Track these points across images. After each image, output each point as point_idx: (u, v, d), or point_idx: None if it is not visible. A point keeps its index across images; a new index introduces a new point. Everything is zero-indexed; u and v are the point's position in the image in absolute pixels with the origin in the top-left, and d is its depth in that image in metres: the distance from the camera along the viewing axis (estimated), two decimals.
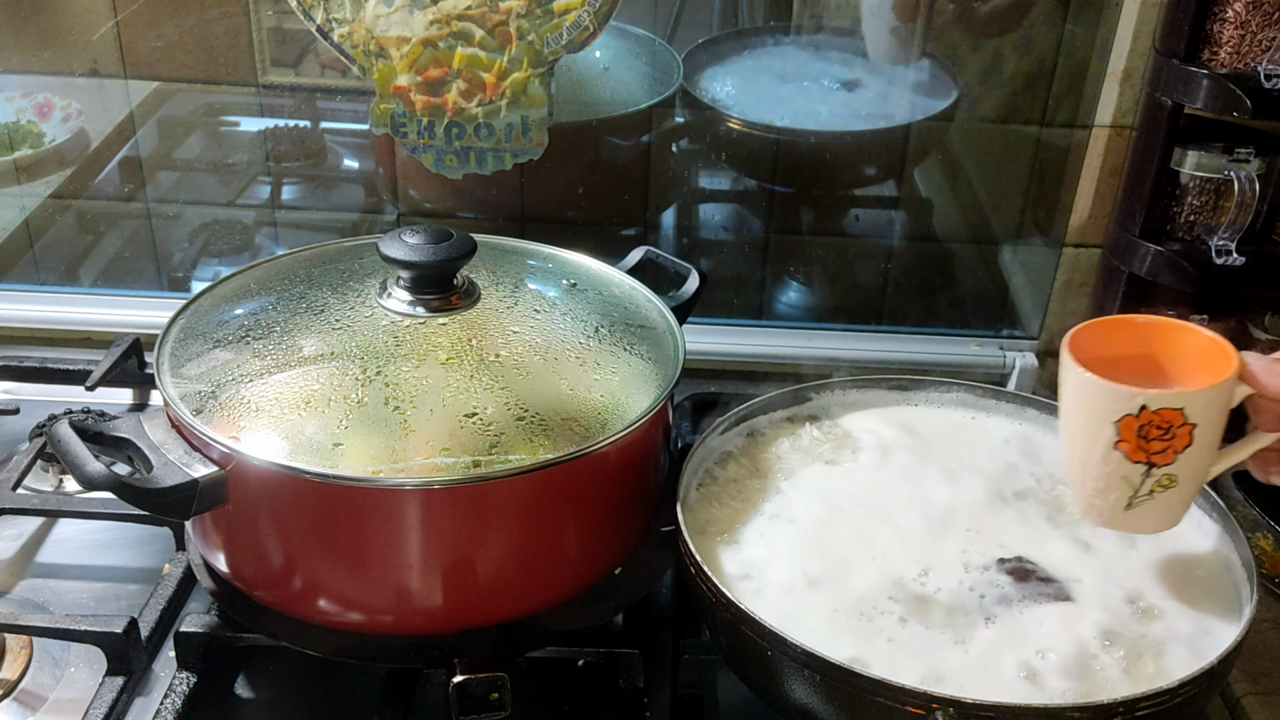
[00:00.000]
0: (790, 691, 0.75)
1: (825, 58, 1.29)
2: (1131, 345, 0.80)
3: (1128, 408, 0.72)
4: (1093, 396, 0.74)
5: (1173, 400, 0.72)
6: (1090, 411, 0.75)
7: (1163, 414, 0.72)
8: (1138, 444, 0.73)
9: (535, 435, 0.80)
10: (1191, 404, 0.72)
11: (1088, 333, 0.79)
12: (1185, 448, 0.73)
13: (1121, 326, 0.80)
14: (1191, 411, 0.72)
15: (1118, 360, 0.78)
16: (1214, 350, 0.76)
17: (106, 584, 0.99)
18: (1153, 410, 0.72)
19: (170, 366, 0.85)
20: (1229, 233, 1.08)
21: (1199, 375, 0.76)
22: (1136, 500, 0.75)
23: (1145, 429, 0.73)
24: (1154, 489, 0.74)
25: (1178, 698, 0.70)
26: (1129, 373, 0.78)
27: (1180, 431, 0.72)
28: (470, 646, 0.82)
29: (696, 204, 1.36)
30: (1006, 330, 1.33)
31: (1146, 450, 0.73)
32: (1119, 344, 0.79)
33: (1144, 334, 0.80)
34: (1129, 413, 0.72)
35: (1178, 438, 0.72)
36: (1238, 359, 0.74)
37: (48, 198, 1.34)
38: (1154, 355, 0.79)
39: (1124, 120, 1.18)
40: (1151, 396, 0.72)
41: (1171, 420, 0.72)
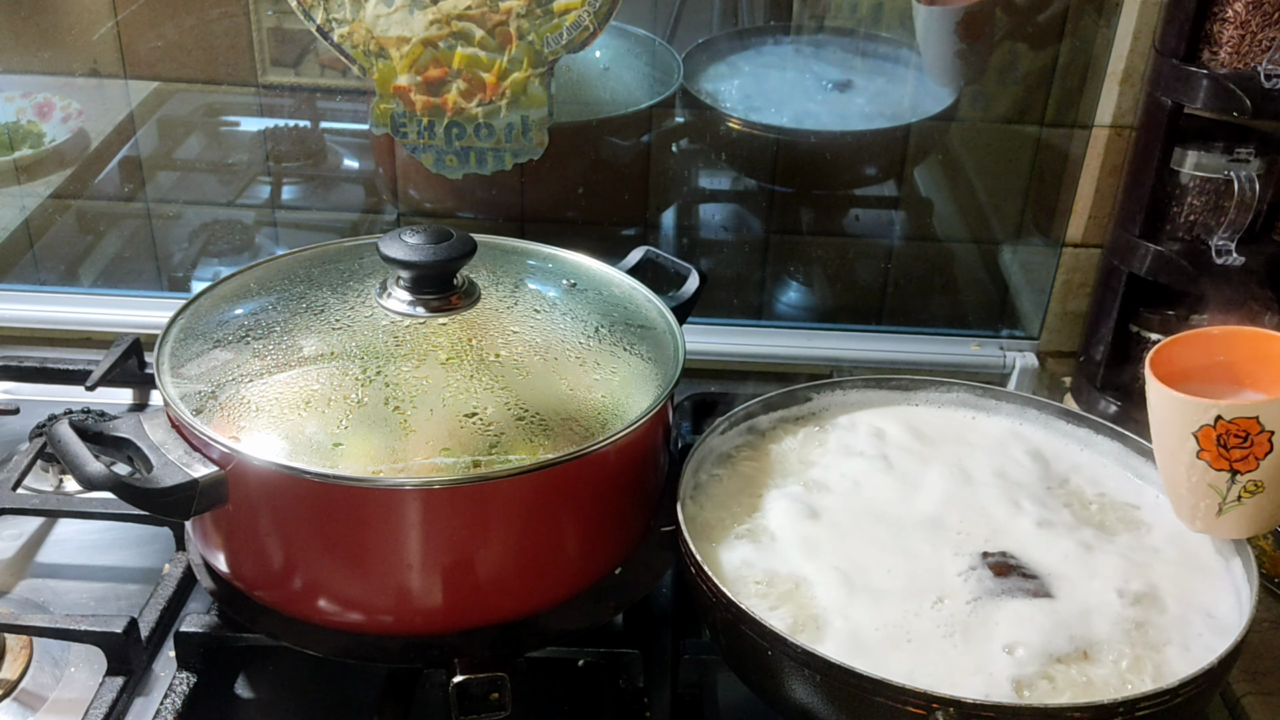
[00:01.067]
0: (790, 691, 0.75)
1: (825, 58, 1.29)
2: (1214, 355, 0.83)
3: (1204, 419, 0.76)
4: (1171, 410, 0.78)
5: (1247, 410, 0.75)
6: (1171, 424, 0.79)
7: (1239, 423, 0.75)
8: (1219, 453, 0.77)
9: (535, 435, 0.80)
10: (1266, 412, 0.75)
11: (1170, 349, 0.82)
12: (1267, 454, 0.76)
13: (1201, 340, 0.84)
14: (1267, 419, 0.75)
15: (1199, 370, 0.82)
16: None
17: (106, 584, 0.99)
18: (1228, 420, 0.75)
19: (170, 366, 0.85)
20: (1229, 233, 1.08)
21: None
22: (1226, 506, 0.79)
23: (1224, 438, 0.76)
24: (1241, 495, 0.78)
25: (1178, 698, 0.70)
26: (1217, 383, 0.82)
27: (1259, 439, 0.75)
28: (470, 646, 0.82)
29: (696, 204, 1.36)
30: (1006, 330, 1.33)
31: (1228, 459, 0.77)
32: (1201, 355, 0.83)
33: (1226, 344, 0.83)
34: (1205, 423, 0.76)
35: (1257, 445, 0.75)
36: None
37: (48, 198, 1.34)
38: (1234, 363, 0.83)
39: (1124, 120, 1.18)
40: (1225, 407, 0.75)
41: (1248, 429, 0.75)
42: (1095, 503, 0.90)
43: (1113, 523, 0.88)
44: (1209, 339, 0.84)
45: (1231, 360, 0.83)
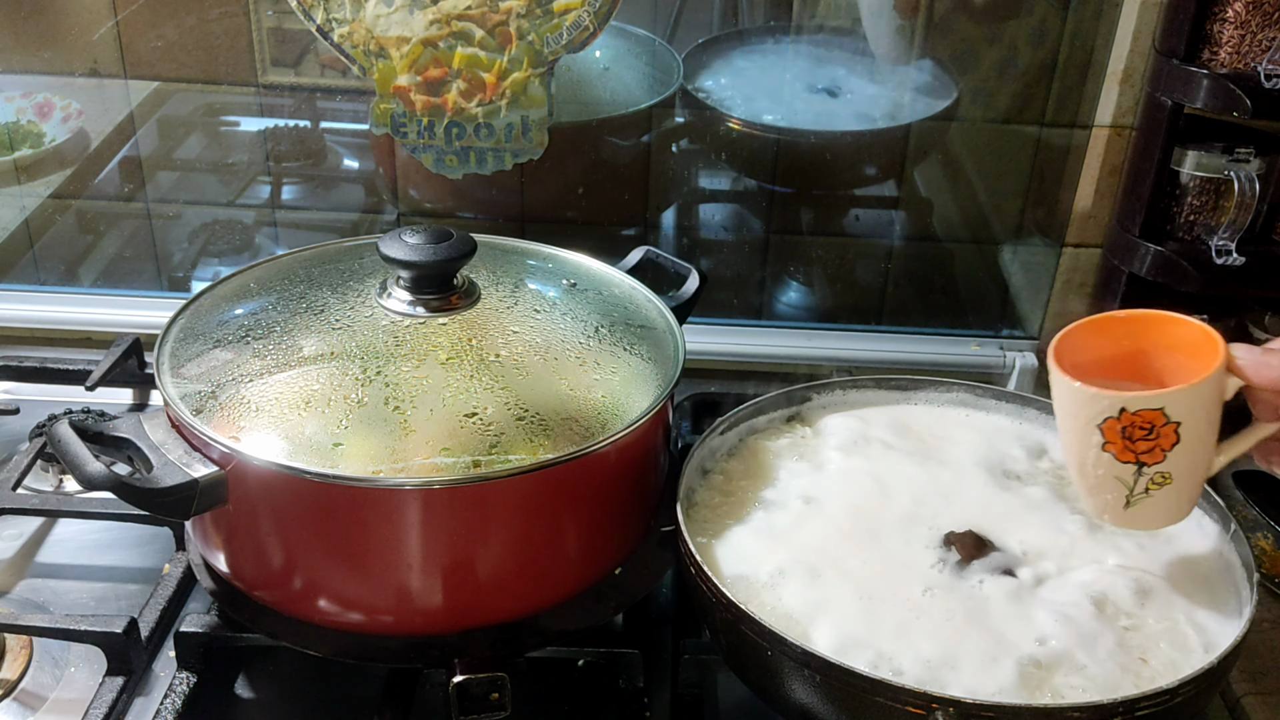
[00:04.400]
0: (790, 691, 0.75)
1: (825, 57, 1.29)
2: (1123, 342, 0.79)
3: (1107, 410, 0.73)
4: (1074, 401, 0.75)
5: (1151, 401, 0.72)
6: (1075, 415, 0.75)
7: (1143, 415, 0.72)
8: (1124, 445, 0.73)
9: (535, 435, 0.80)
10: (1172, 403, 0.72)
11: (1076, 335, 0.79)
12: (1173, 445, 0.73)
13: (1110, 325, 0.79)
14: (1173, 410, 0.72)
15: (1112, 360, 0.78)
16: (1203, 342, 0.75)
17: (106, 584, 0.99)
18: (1132, 412, 0.72)
19: (170, 366, 0.85)
20: (1229, 233, 1.08)
21: (1191, 368, 0.75)
22: (1134, 499, 0.76)
23: (1129, 430, 0.73)
24: (1149, 487, 0.75)
25: (1178, 698, 0.70)
26: (1124, 371, 0.78)
27: (1165, 430, 0.72)
28: (470, 646, 0.82)
29: (696, 204, 1.36)
30: (1006, 330, 1.33)
31: (1134, 450, 0.74)
32: (1111, 343, 0.79)
33: (1134, 329, 0.79)
34: (1109, 415, 0.73)
35: (1163, 436, 0.72)
36: (1223, 353, 0.73)
37: (48, 198, 1.34)
38: (1146, 350, 0.79)
39: (1124, 120, 1.18)
40: (1129, 399, 0.72)
41: (1154, 420, 0.72)
42: None
43: None
44: (1115, 323, 0.80)
45: (1141, 347, 0.79)
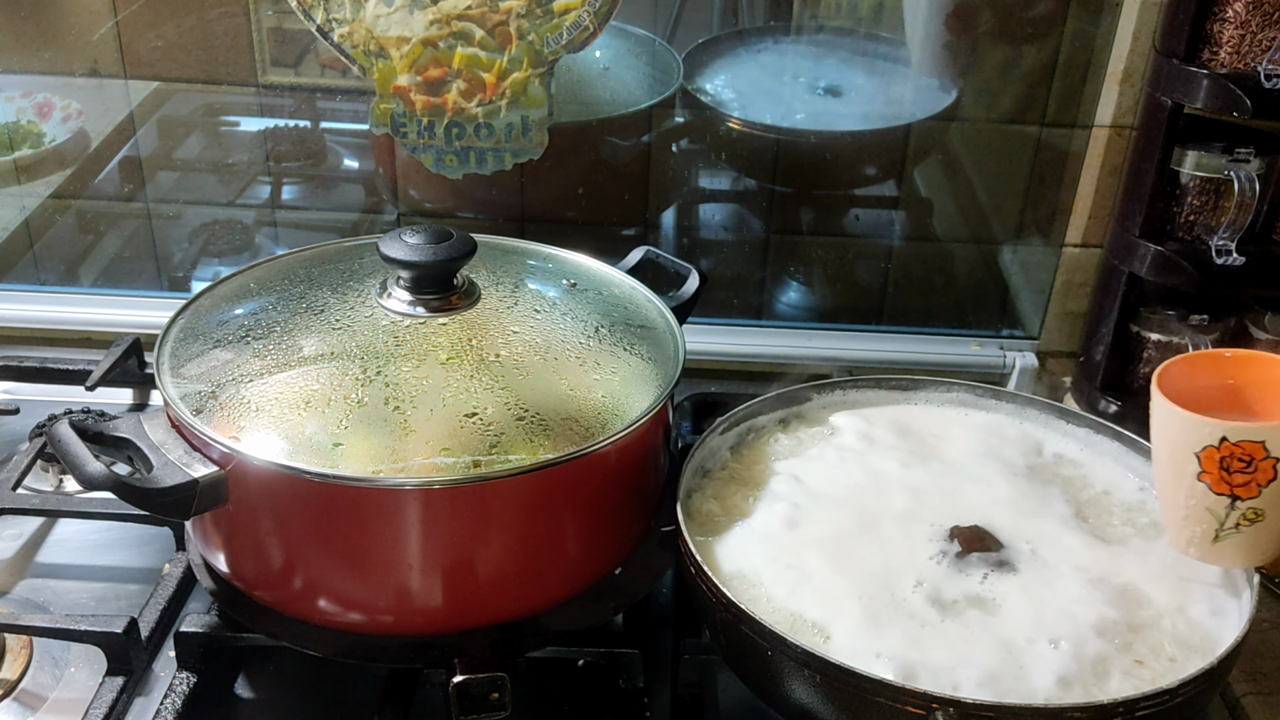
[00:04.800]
0: (790, 691, 0.75)
1: (826, 58, 1.29)
2: (1223, 379, 0.81)
3: (1208, 439, 0.73)
4: (1175, 427, 0.76)
5: (1253, 433, 0.72)
6: (1174, 442, 0.76)
7: (1244, 446, 0.72)
8: (1220, 476, 0.74)
9: (535, 435, 0.80)
10: (1274, 437, 0.72)
11: (1178, 366, 0.80)
12: (1270, 481, 0.73)
13: (1211, 361, 0.82)
14: (1274, 445, 0.72)
15: (1212, 393, 0.79)
16: None
17: (106, 584, 0.99)
18: (1233, 442, 0.72)
19: (170, 366, 0.85)
20: (1229, 233, 1.08)
21: None
22: (1224, 534, 0.76)
23: (1227, 461, 0.73)
24: (1240, 522, 0.75)
25: (1178, 698, 0.70)
26: (1221, 407, 0.79)
27: (1263, 465, 0.72)
28: (470, 646, 0.82)
29: (696, 204, 1.36)
30: (1006, 330, 1.33)
31: (1229, 483, 0.74)
32: (1211, 378, 0.80)
33: (1235, 368, 0.81)
34: (1209, 444, 0.73)
35: (1261, 471, 0.72)
36: None
37: (48, 198, 1.34)
38: (1241, 387, 0.80)
39: (1124, 120, 1.18)
40: (1231, 429, 0.72)
41: (1253, 453, 0.72)
42: (1097, 502, 0.90)
43: (1114, 522, 0.88)
44: (1220, 361, 0.82)
45: (1240, 385, 0.81)
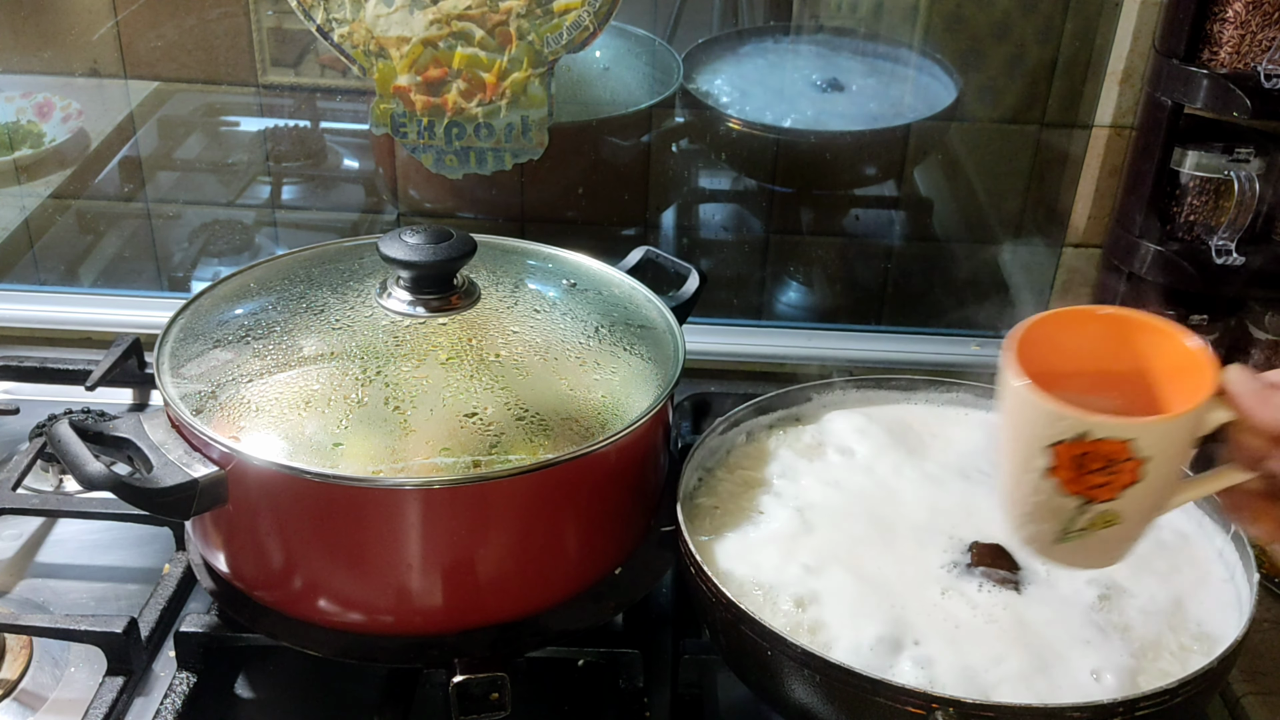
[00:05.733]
0: (790, 691, 0.75)
1: (826, 58, 1.29)
2: (1098, 343, 0.66)
3: (1065, 432, 0.59)
4: (1026, 411, 0.62)
5: (1120, 430, 0.59)
6: (1023, 429, 0.62)
7: (1107, 444, 0.59)
8: (1074, 475, 0.60)
9: (535, 435, 0.80)
10: (1145, 436, 0.59)
11: (1045, 329, 0.66)
12: (1131, 484, 0.60)
13: (1085, 322, 0.67)
14: (1143, 445, 0.59)
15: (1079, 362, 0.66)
16: (1191, 363, 0.62)
17: (106, 584, 0.99)
18: (1095, 439, 0.59)
19: (170, 366, 0.85)
20: (1229, 232, 1.08)
21: (1173, 389, 0.63)
22: (1069, 535, 0.63)
23: (1084, 459, 0.60)
24: (1090, 525, 0.62)
25: (1178, 698, 0.70)
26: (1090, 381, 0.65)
27: (1126, 466, 0.59)
28: (470, 646, 0.82)
29: (696, 204, 1.36)
30: (1006, 330, 1.33)
31: (1084, 483, 0.60)
32: (1081, 342, 0.66)
33: (1112, 331, 0.66)
34: (1065, 438, 0.59)
35: (1123, 473, 0.59)
36: (1216, 379, 0.60)
37: (48, 198, 1.34)
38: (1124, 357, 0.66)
39: (1124, 120, 1.18)
40: (1095, 423, 0.59)
41: (1116, 453, 0.59)
42: None
43: None
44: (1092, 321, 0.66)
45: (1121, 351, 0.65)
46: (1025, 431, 0.62)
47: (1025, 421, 0.62)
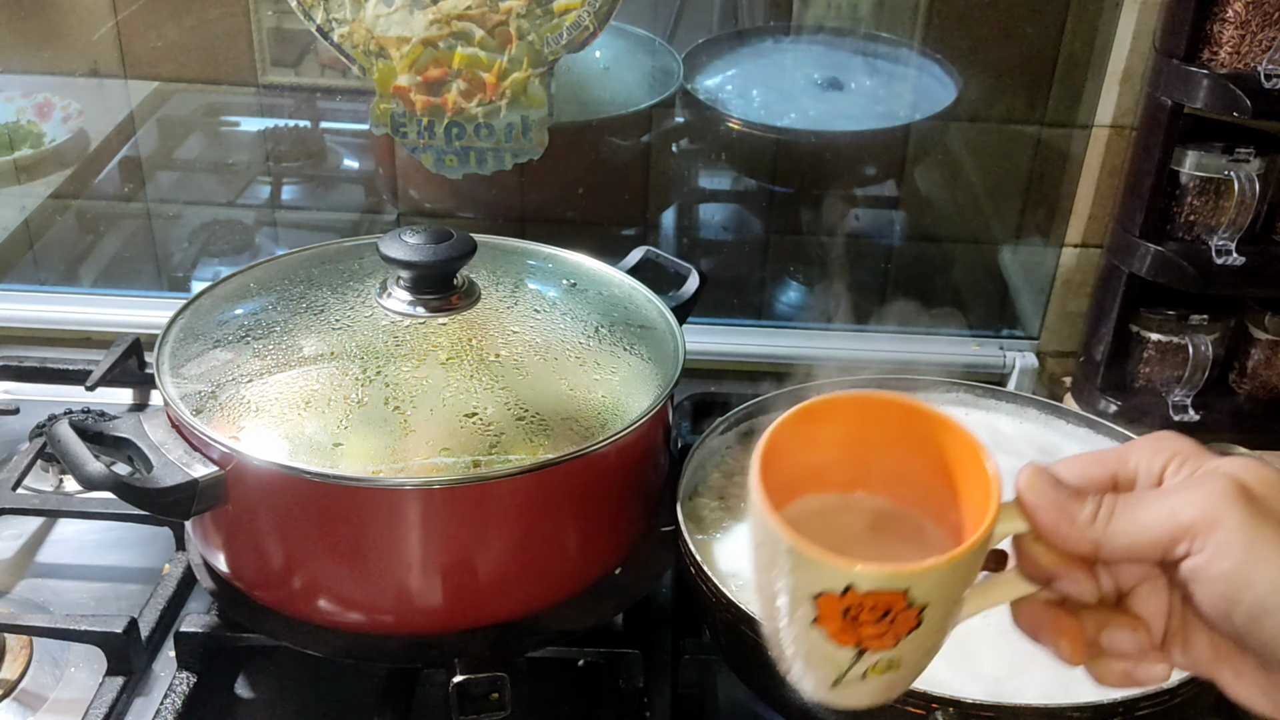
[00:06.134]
0: (790, 692, 0.74)
1: (825, 57, 1.29)
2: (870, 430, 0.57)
3: (827, 584, 0.50)
4: (780, 556, 0.51)
5: (892, 581, 0.49)
6: (778, 572, 0.52)
7: (878, 595, 0.50)
8: (845, 626, 0.51)
9: (535, 435, 0.80)
10: (920, 585, 0.49)
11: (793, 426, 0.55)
12: (911, 630, 0.51)
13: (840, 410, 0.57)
14: (921, 593, 0.50)
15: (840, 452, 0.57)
16: (975, 466, 0.53)
17: (106, 584, 0.99)
18: (863, 592, 0.49)
19: (170, 366, 0.85)
20: (1229, 232, 1.08)
21: (963, 477, 0.54)
22: (844, 682, 0.54)
23: (854, 610, 0.50)
24: (867, 672, 0.53)
25: (1178, 698, 0.70)
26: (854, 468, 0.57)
27: (904, 615, 0.50)
28: (470, 646, 0.82)
29: (696, 204, 1.36)
30: (1006, 330, 1.33)
31: (857, 634, 0.51)
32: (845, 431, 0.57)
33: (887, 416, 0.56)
34: (829, 590, 0.50)
35: (900, 621, 0.51)
36: (996, 502, 0.51)
37: (48, 198, 1.34)
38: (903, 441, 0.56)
39: (1124, 120, 1.18)
40: (861, 575, 0.49)
41: (892, 603, 0.50)
42: None
43: None
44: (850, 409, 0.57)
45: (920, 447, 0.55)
46: (780, 574, 0.52)
47: (780, 567, 0.51)
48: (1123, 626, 0.53)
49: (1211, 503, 0.49)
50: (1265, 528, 0.48)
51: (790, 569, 0.51)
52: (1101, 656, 0.54)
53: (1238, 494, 0.49)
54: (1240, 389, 1.21)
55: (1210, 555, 0.49)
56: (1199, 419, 1.14)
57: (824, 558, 0.49)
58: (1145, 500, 0.51)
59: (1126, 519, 0.51)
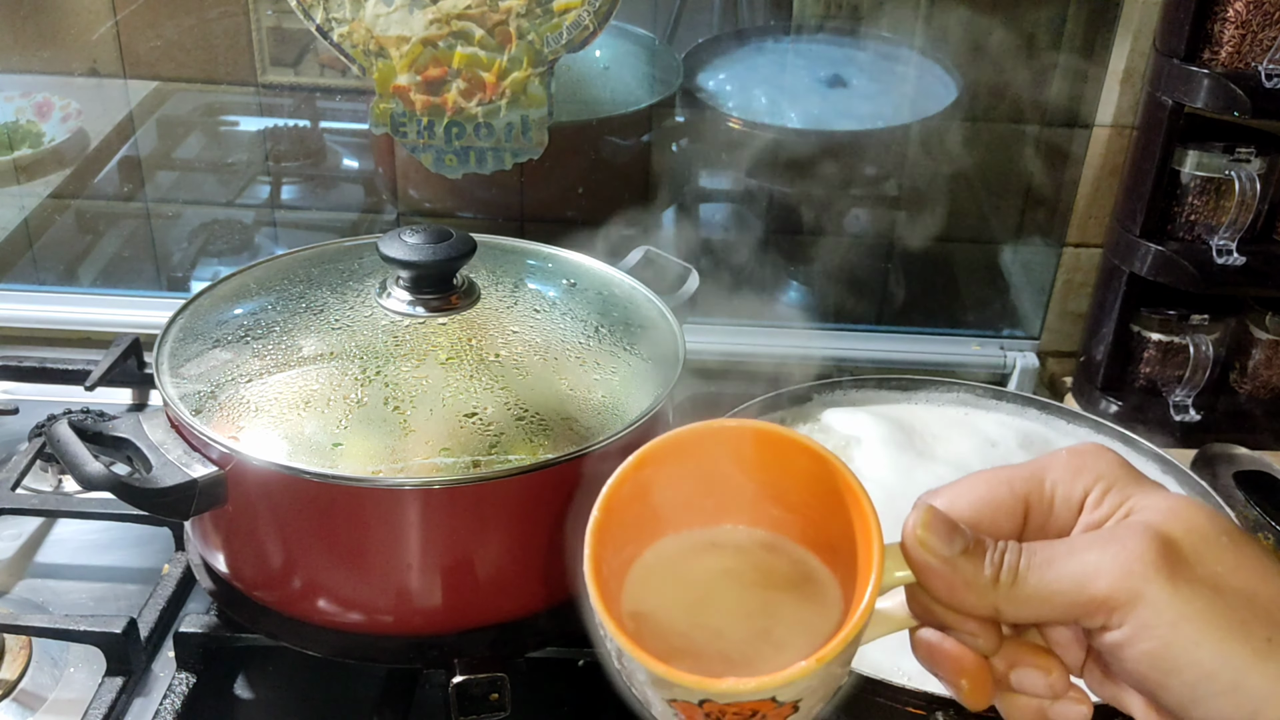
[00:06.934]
0: None
1: (826, 57, 1.29)
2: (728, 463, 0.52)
3: (680, 696, 0.46)
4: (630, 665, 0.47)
5: (755, 694, 0.44)
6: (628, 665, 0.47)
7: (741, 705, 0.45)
8: None
9: (535, 435, 0.80)
10: (789, 690, 0.45)
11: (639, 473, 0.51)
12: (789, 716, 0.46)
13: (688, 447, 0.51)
14: (791, 694, 0.45)
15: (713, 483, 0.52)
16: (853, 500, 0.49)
17: (106, 584, 0.99)
18: (723, 704, 0.45)
19: (170, 366, 0.85)
20: (1230, 232, 1.08)
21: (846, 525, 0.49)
22: None
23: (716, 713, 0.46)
24: None
25: None
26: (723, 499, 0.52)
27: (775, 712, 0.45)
28: (470, 646, 0.82)
29: (696, 204, 1.36)
30: (1006, 330, 1.33)
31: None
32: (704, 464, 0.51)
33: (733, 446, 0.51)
34: (684, 700, 0.46)
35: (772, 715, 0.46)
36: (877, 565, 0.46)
37: (47, 198, 1.34)
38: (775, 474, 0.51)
39: (1124, 120, 1.18)
40: (717, 690, 0.44)
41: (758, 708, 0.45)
42: None
43: None
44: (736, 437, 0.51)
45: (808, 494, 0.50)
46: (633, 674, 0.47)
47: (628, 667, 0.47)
48: (1034, 668, 0.47)
49: (1129, 570, 0.42)
50: (1195, 599, 0.41)
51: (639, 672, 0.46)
52: (1011, 693, 0.48)
53: (1160, 556, 0.42)
54: (1241, 389, 1.21)
55: (1129, 634, 0.42)
56: (1200, 419, 1.14)
57: (672, 676, 0.44)
58: (1054, 560, 0.44)
59: (1031, 583, 0.44)
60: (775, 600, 0.49)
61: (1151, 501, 0.45)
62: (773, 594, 0.50)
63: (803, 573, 0.51)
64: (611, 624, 0.47)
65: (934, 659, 0.49)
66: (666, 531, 0.52)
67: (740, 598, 0.50)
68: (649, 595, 0.50)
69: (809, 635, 0.48)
